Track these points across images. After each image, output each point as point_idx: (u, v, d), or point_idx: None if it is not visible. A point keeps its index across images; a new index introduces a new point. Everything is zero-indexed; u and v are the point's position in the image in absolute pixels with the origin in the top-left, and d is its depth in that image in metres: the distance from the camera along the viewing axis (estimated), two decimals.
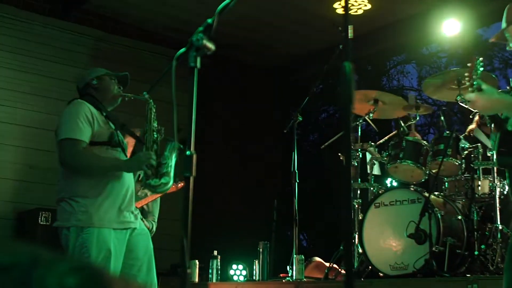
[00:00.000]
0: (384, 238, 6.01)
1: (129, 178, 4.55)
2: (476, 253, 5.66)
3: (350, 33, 2.17)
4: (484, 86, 3.25)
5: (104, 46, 9.15)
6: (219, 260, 7.22)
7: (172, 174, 4.45)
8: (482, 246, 5.73)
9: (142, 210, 5.86)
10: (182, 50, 2.80)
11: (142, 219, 4.99)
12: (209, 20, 2.83)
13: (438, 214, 5.70)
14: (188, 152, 2.71)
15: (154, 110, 4.65)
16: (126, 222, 4.46)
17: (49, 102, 8.45)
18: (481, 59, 3.42)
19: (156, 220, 6.09)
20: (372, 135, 11.22)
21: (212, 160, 8.94)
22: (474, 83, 3.25)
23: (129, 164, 4.45)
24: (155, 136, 4.53)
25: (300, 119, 6.88)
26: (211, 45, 2.79)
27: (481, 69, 3.35)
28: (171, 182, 4.45)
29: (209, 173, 8.53)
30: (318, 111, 16.65)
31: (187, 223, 2.68)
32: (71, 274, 0.77)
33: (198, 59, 2.77)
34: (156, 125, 4.58)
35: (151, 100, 4.65)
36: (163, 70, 9.25)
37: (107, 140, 4.45)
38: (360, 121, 6.80)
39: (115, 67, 8.77)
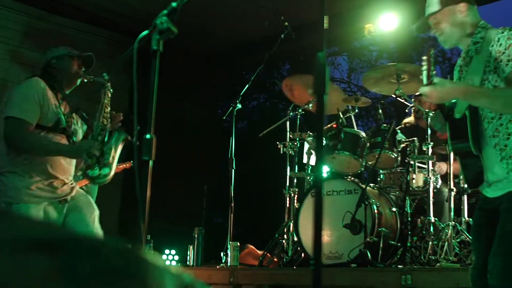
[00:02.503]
0: None
1: None
2: (408, 244, 5.78)
3: (326, 24, 2.17)
4: (436, 79, 3.32)
5: (41, 24, 8.90)
6: (151, 245, 7.16)
7: (114, 165, 4.38)
8: (415, 238, 5.87)
9: None
10: (145, 32, 2.75)
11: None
12: (174, 4, 2.79)
13: (374, 206, 5.81)
14: (148, 136, 2.68)
15: (109, 95, 4.56)
16: (61, 194, 4.39)
17: None
18: (433, 51, 3.48)
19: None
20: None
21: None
22: (432, 79, 3.31)
23: (71, 150, 4.38)
24: (105, 123, 4.47)
25: (239, 106, 6.88)
26: (174, 29, 2.75)
27: (432, 60, 3.42)
28: (111, 174, 4.39)
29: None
30: (248, 99, 16.67)
31: (145, 206, 2.65)
32: (118, 256, 0.76)
33: (161, 43, 2.73)
34: (108, 111, 4.50)
35: (108, 84, 4.56)
36: (95, 51, 9.11)
37: (52, 125, 4.37)
38: (299, 110, 6.83)
39: (49, 46, 8.61)
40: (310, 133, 6.72)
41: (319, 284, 1.98)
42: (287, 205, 6.81)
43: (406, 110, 6.96)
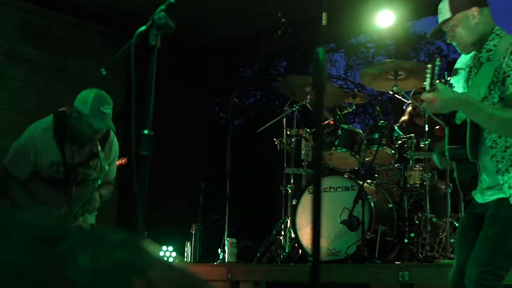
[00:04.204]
0: None
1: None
2: (406, 241, 5.78)
3: (324, 20, 2.16)
4: (439, 86, 3.31)
5: (33, 19, 8.86)
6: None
7: None
8: (412, 234, 5.87)
9: None
10: (143, 28, 2.74)
11: None
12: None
13: (371, 202, 5.80)
14: (146, 131, 2.67)
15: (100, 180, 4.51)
16: None
17: None
18: (439, 59, 3.48)
19: None
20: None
21: None
22: (436, 85, 3.30)
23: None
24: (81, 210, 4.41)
25: (236, 101, 6.89)
26: (172, 24, 2.75)
27: (437, 68, 3.41)
28: None
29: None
30: (245, 96, 16.64)
31: (143, 202, 2.64)
32: (120, 248, 0.75)
33: (159, 38, 2.73)
34: (94, 190, 4.41)
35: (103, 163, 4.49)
36: (88, 45, 9.04)
37: (48, 178, 4.47)
38: (297, 107, 6.82)
39: (44, 42, 8.59)
40: (307, 130, 6.72)
41: (317, 280, 1.98)
42: (284, 201, 6.80)
43: (404, 107, 6.96)
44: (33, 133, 4.50)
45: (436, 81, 3.30)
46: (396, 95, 6.32)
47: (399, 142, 6.19)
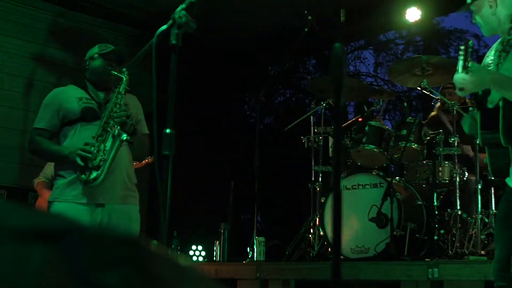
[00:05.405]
0: (346, 222, 6.04)
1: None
2: (435, 237, 5.73)
3: (342, 17, 2.16)
4: (471, 66, 3.28)
5: (64, 22, 8.94)
6: (178, 241, 7.20)
7: (105, 168, 4.14)
8: (442, 231, 5.82)
9: None
10: (164, 27, 2.76)
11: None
12: None
13: (400, 199, 5.77)
14: (168, 130, 2.69)
15: (122, 92, 4.37)
16: (95, 197, 4.23)
17: (4, 78, 8.24)
18: (471, 41, 3.46)
19: None
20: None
21: None
22: (469, 65, 3.27)
23: (67, 155, 4.22)
24: (110, 123, 4.26)
25: (263, 99, 6.90)
26: (193, 23, 2.76)
27: (470, 49, 3.39)
28: (101, 177, 4.13)
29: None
30: (274, 94, 16.59)
31: (165, 201, 2.66)
32: (119, 245, 0.76)
33: (180, 37, 2.74)
34: (118, 110, 4.30)
35: (124, 80, 4.32)
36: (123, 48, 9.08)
37: (80, 116, 4.32)
38: (324, 104, 6.81)
39: (74, 44, 8.67)
40: None
41: (338, 277, 1.97)
42: (313, 199, 6.79)
43: (432, 103, 6.90)
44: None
45: (469, 63, 3.27)
46: (424, 91, 6.27)
47: (428, 138, 6.15)
